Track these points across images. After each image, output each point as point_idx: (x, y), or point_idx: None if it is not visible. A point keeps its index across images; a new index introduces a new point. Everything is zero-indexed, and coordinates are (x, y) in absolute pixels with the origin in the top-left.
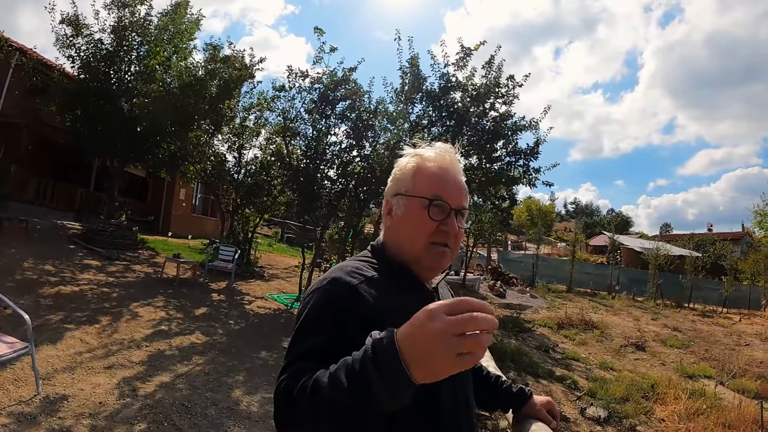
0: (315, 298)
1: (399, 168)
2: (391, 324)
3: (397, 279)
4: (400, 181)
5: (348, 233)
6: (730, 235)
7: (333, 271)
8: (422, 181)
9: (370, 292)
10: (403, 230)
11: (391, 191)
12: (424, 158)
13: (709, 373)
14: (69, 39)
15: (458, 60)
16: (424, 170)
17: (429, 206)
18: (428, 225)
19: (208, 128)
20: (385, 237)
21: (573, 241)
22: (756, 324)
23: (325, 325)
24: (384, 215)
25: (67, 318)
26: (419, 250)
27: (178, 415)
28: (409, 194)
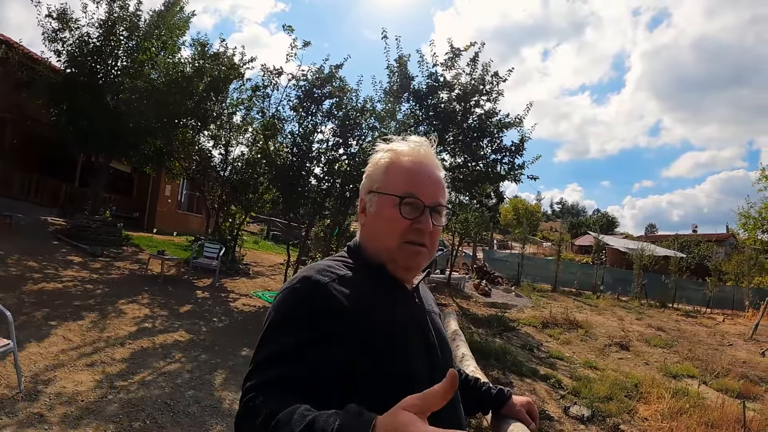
0: (284, 297)
1: (372, 164)
2: (365, 325)
3: (374, 278)
4: (373, 177)
5: (333, 231)
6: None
7: (305, 270)
8: (395, 177)
9: (342, 290)
10: (376, 229)
11: (364, 188)
12: (398, 153)
13: (693, 373)
14: (55, 33)
15: (447, 60)
16: (396, 166)
17: (400, 204)
18: (401, 223)
19: (194, 125)
20: (360, 236)
21: (558, 241)
22: (739, 324)
23: (295, 325)
24: (359, 213)
25: (51, 315)
26: (393, 249)
27: (160, 413)
28: (381, 191)
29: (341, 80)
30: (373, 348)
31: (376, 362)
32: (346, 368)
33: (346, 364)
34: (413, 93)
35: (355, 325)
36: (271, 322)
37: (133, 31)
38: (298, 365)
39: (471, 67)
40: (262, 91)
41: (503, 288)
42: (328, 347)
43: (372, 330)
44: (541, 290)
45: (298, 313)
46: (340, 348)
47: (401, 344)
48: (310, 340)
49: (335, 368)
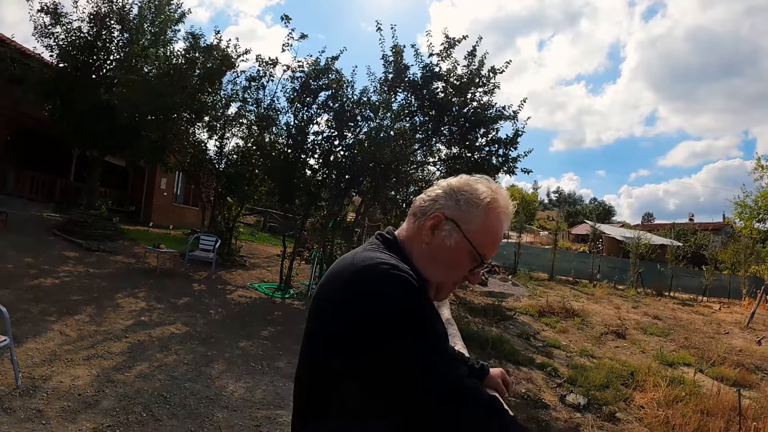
0: (404, 292)
1: (469, 193)
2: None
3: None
4: (466, 212)
5: (329, 222)
6: (710, 225)
7: (388, 266)
8: (486, 235)
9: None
10: (441, 259)
11: (449, 212)
12: (496, 202)
13: (689, 361)
14: (47, 28)
15: (442, 50)
16: (492, 224)
17: (477, 266)
18: (465, 272)
19: (188, 117)
20: (410, 239)
21: (555, 230)
22: (735, 313)
23: (431, 318)
24: (425, 226)
25: (48, 310)
26: (445, 284)
27: (157, 406)
28: (468, 236)
29: (338, 72)
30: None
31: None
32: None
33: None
34: (409, 83)
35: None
36: (411, 320)
37: (125, 24)
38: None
39: (469, 60)
40: (257, 81)
41: (500, 277)
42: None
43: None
44: (538, 279)
45: (427, 307)
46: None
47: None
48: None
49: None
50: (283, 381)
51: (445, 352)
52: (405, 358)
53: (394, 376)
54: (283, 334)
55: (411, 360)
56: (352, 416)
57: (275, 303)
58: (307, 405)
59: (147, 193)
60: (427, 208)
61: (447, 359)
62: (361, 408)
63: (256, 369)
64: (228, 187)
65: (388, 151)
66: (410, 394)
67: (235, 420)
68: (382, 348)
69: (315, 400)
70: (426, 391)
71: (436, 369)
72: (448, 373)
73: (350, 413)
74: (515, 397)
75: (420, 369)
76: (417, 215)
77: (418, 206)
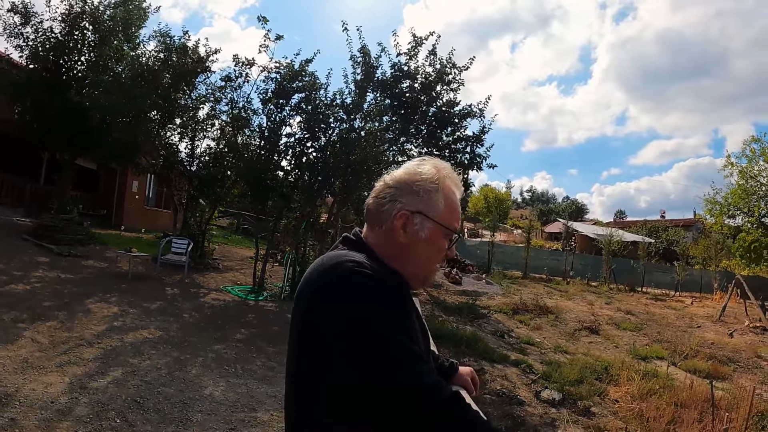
0: (383, 298)
1: (422, 182)
2: (413, 327)
3: (398, 281)
4: (428, 201)
5: (302, 223)
6: (682, 222)
7: (350, 263)
8: (451, 211)
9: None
10: (422, 252)
11: (413, 206)
12: (447, 179)
13: (662, 355)
14: (17, 28)
15: (410, 50)
16: (451, 198)
17: (452, 241)
18: (443, 252)
19: (160, 119)
20: (381, 243)
21: (528, 228)
22: (707, 307)
23: (401, 314)
24: (394, 226)
25: (19, 317)
26: (432, 271)
27: (130, 411)
28: (438, 222)
29: (311, 75)
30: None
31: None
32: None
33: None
34: (378, 83)
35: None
36: (392, 329)
37: (97, 24)
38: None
39: (431, 59)
40: (234, 81)
41: (474, 276)
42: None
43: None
44: (512, 277)
45: (405, 313)
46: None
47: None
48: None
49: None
50: (258, 383)
51: (413, 347)
52: (371, 353)
53: (362, 372)
54: (256, 337)
55: (377, 355)
56: (337, 416)
57: (249, 305)
58: (296, 405)
59: (118, 196)
60: (387, 210)
61: (413, 354)
62: (342, 407)
63: (230, 372)
64: (200, 189)
65: (359, 151)
66: (376, 391)
67: (210, 423)
68: (351, 346)
69: (302, 401)
70: (389, 387)
71: (400, 364)
72: (413, 368)
73: (334, 413)
74: (491, 394)
75: (385, 364)
76: (379, 220)
77: (376, 211)
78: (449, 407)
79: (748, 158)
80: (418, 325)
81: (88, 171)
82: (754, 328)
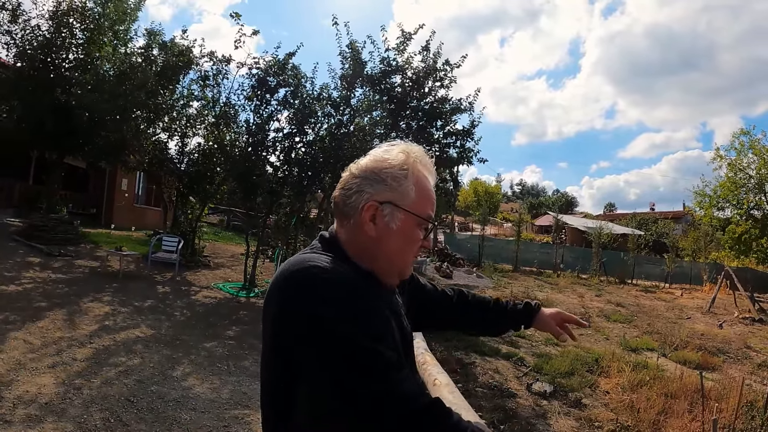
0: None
1: (390, 169)
2: (387, 331)
3: (366, 282)
4: (397, 189)
5: (292, 219)
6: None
7: (314, 269)
8: (422, 198)
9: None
10: (394, 244)
11: (381, 196)
12: (417, 164)
13: (652, 346)
14: (5, 25)
15: (399, 44)
16: (422, 183)
17: (428, 229)
18: (418, 242)
19: (147, 117)
20: (352, 239)
21: (518, 222)
22: (697, 298)
23: (367, 319)
24: (362, 219)
25: (10, 319)
26: (407, 264)
27: (124, 410)
28: (410, 211)
29: (295, 68)
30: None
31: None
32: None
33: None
34: (367, 78)
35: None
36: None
37: (84, 21)
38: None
39: (423, 55)
40: (212, 80)
41: (465, 269)
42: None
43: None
44: (503, 270)
45: (376, 315)
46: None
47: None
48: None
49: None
50: (250, 380)
51: (385, 353)
52: (340, 362)
53: (332, 381)
54: (248, 334)
55: (346, 363)
56: (312, 423)
57: (240, 302)
58: (271, 408)
59: (108, 194)
60: (354, 202)
61: (385, 360)
62: (315, 415)
63: (222, 369)
64: (190, 186)
65: (348, 146)
66: (348, 399)
67: (203, 421)
68: (320, 354)
69: (277, 406)
70: (362, 397)
71: (372, 371)
72: (386, 376)
73: (308, 420)
74: (482, 387)
75: (356, 372)
76: (347, 214)
77: (343, 204)
78: (427, 416)
79: (737, 151)
80: (397, 327)
81: (78, 170)
82: (744, 318)
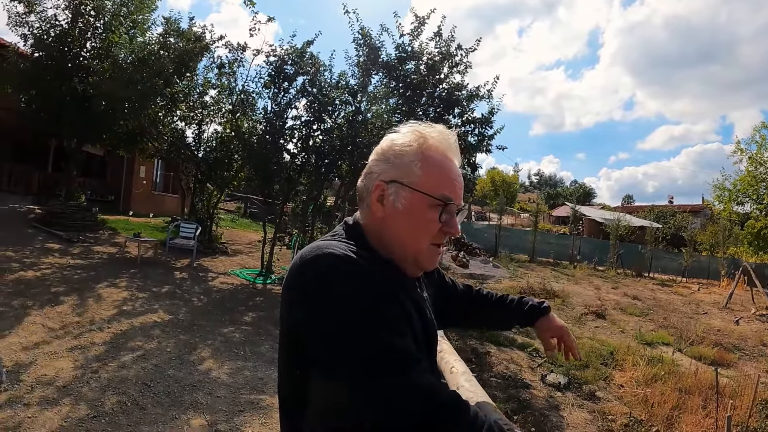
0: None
1: (396, 146)
2: (405, 319)
3: (386, 271)
4: (399, 166)
5: (309, 206)
6: (689, 208)
7: (327, 256)
8: (432, 175)
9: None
10: (402, 226)
11: (386, 175)
12: (428, 140)
13: (668, 341)
14: (21, 17)
15: (413, 30)
16: (431, 159)
17: (443, 210)
18: (435, 226)
19: (165, 104)
20: (369, 224)
21: (535, 212)
22: (714, 293)
23: (377, 308)
24: (371, 201)
25: (30, 304)
26: (421, 251)
27: (141, 394)
28: (416, 188)
29: (313, 56)
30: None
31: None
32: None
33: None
34: (383, 64)
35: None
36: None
37: (101, 11)
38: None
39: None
40: (227, 68)
41: (481, 259)
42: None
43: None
44: (519, 261)
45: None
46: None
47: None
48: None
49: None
50: (266, 366)
51: (402, 346)
52: (355, 354)
53: (348, 373)
54: (264, 320)
55: (361, 356)
56: (325, 416)
57: (257, 289)
58: (287, 396)
59: (126, 181)
60: (366, 185)
61: (401, 353)
62: (330, 409)
63: (238, 355)
64: (207, 173)
65: (365, 134)
66: (363, 393)
67: (219, 405)
68: (334, 347)
69: (293, 394)
70: (377, 390)
71: (387, 364)
72: (401, 369)
73: (323, 413)
74: (497, 377)
75: (371, 365)
76: (362, 198)
77: (360, 189)
78: (444, 411)
79: (758, 144)
80: (418, 316)
81: (96, 158)
82: (761, 315)
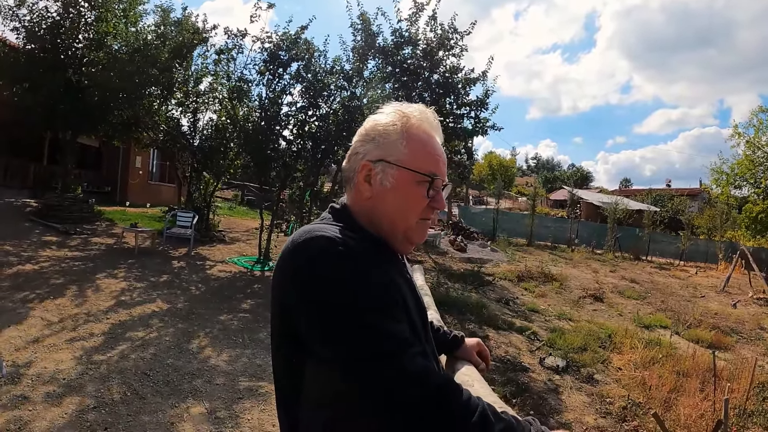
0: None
1: (380, 126)
2: (399, 299)
3: (378, 251)
4: (385, 145)
5: (306, 193)
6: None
7: (319, 240)
8: (416, 152)
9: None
10: (390, 204)
11: (372, 155)
12: (410, 119)
13: (665, 324)
14: (12, 10)
15: (411, 15)
16: (415, 137)
17: (430, 186)
18: (422, 202)
19: (160, 93)
20: (357, 205)
21: (533, 196)
22: (711, 277)
23: (372, 288)
24: (358, 181)
25: (28, 297)
26: (410, 227)
27: (140, 384)
28: (402, 165)
29: (307, 42)
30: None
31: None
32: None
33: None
34: (379, 50)
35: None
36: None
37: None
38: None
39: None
40: (226, 54)
41: (479, 243)
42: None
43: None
44: (517, 245)
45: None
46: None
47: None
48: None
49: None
50: (264, 353)
51: (395, 329)
52: (346, 338)
53: (339, 357)
54: (262, 307)
55: (353, 340)
56: (320, 401)
57: (254, 276)
58: (282, 381)
59: (122, 172)
60: (351, 167)
61: (394, 337)
62: (325, 393)
63: (237, 342)
64: (203, 162)
65: (361, 119)
66: (355, 377)
67: (219, 393)
68: (326, 332)
69: (288, 380)
70: (369, 374)
71: (375, 349)
72: (389, 355)
73: (317, 398)
74: (495, 361)
75: (362, 349)
76: (348, 179)
77: (345, 170)
78: (438, 394)
79: (756, 128)
80: (411, 296)
81: (91, 149)
82: (758, 299)
